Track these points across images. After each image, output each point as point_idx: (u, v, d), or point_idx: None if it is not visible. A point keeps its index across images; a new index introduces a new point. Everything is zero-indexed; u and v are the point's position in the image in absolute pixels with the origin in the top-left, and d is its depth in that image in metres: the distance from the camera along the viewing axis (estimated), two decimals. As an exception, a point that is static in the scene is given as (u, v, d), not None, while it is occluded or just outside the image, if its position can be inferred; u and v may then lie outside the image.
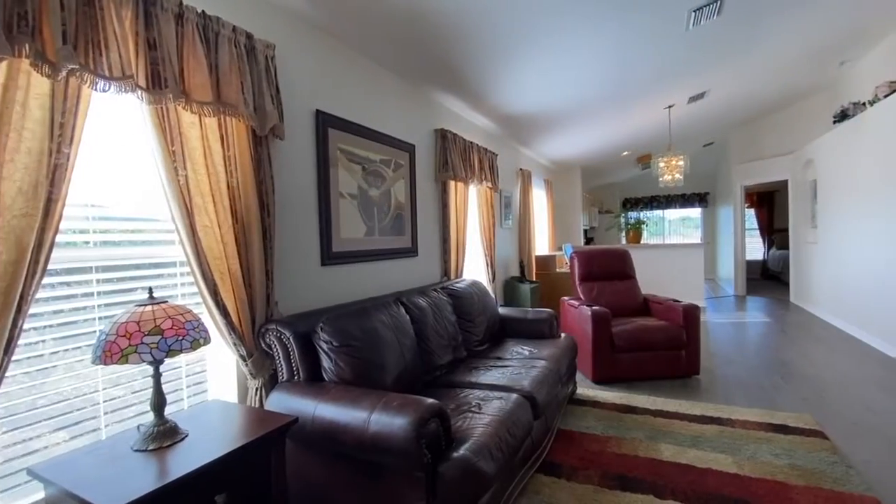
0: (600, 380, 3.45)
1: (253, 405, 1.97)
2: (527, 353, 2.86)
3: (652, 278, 6.37)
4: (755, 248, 10.59)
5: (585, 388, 3.33)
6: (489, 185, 4.44)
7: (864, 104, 4.55)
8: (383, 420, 1.51)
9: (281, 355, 1.92)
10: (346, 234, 2.53)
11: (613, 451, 2.35)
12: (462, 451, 1.56)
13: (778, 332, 4.99)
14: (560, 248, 7.63)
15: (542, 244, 7.33)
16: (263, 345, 1.95)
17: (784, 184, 7.17)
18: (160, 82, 1.54)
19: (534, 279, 5.93)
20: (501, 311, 3.53)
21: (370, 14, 2.42)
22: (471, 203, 4.35)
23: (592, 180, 10.61)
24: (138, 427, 1.42)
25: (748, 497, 1.91)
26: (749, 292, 7.87)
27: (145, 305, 1.36)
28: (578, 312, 3.70)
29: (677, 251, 6.58)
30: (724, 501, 1.88)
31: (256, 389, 1.97)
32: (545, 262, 6.21)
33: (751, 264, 10.35)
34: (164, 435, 1.38)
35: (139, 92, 1.48)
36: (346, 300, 2.54)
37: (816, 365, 3.73)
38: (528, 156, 6.61)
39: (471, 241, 4.43)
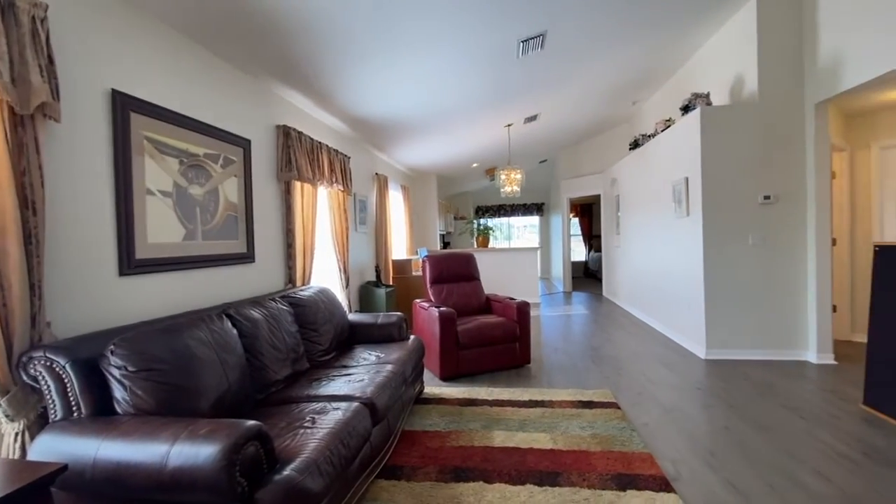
0: (447, 377, 3.63)
1: (11, 455, 1.54)
2: (374, 358, 2.84)
3: (497, 279, 6.99)
4: (580, 251, 12.45)
5: (433, 387, 3.45)
6: (341, 188, 4.32)
7: (649, 136, 5.71)
8: (187, 452, 1.32)
9: (53, 389, 1.54)
10: (155, 237, 2.17)
11: (452, 444, 2.48)
12: (287, 471, 1.45)
13: (592, 322, 5.93)
14: (417, 253, 7.85)
15: (399, 248, 7.45)
16: (26, 377, 1.54)
17: (598, 197, 8.58)
18: None
19: (390, 283, 5.97)
20: (351, 317, 3.45)
21: (187, -11, 2.14)
22: (321, 206, 4.18)
23: (449, 188, 11.20)
24: None
25: (559, 468, 2.19)
26: (574, 288, 9.21)
27: None
28: (428, 314, 3.83)
29: (517, 254, 7.32)
30: (541, 475, 2.13)
31: (16, 435, 1.55)
32: (402, 267, 6.31)
33: (575, 265, 12.16)
34: None
35: None
36: (155, 316, 2.18)
37: (617, 347, 4.53)
38: (384, 161, 6.65)
39: (322, 246, 4.25)
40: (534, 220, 12.48)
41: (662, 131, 5.05)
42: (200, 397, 1.74)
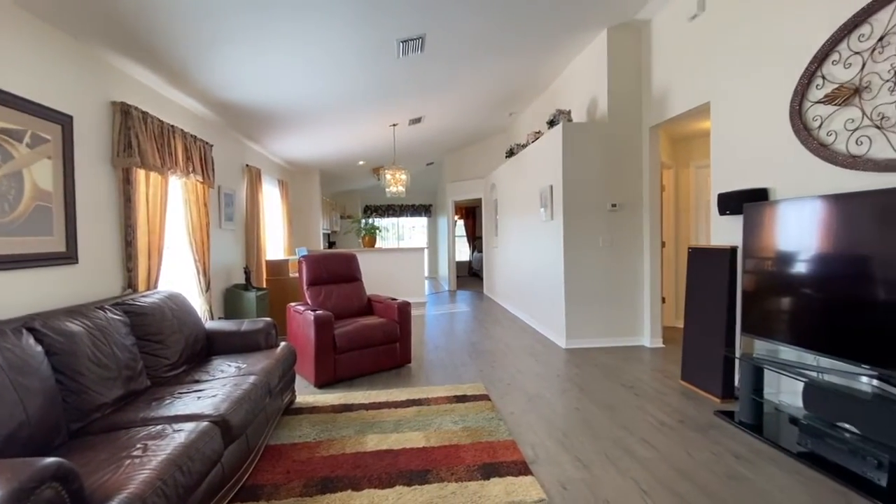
0: (323, 383, 3.46)
1: None
2: (234, 370, 2.57)
3: (385, 279, 6.92)
4: (465, 252, 12.99)
5: (307, 395, 3.26)
6: (200, 179, 3.85)
7: (522, 146, 6.16)
8: (-58, 509, 1.02)
9: None
10: (-85, 232, 1.66)
11: (322, 455, 2.35)
12: (100, 513, 1.21)
13: (473, 319, 6.21)
14: (296, 253, 7.39)
15: (276, 248, 6.94)
16: None
17: (481, 200, 9.04)
18: None
19: (263, 286, 5.52)
20: (209, 325, 3.10)
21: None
22: (175, 199, 3.67)
23: (335, 185, 10.79)
24: None
25: (429, 466, 2.21)
26: (459, 287, 9.57)
27: None
28: (303, 318, 3.61)
29: (404, 254, 7.36)
30: (411, 475, 2.13)
31: None
32: (277, 268, 5.87)
33: (460, 265, 12.65)
34: None
35: None
36: (-83, 333, 1.67)
37: (493, 342, 4.79)
38: (257, 152, 6.13)
39: (176, 244, 3.74)
40: (422, 220, 12.69)
41: (533, 142, 5.49)
42: (-21, 435, 1.38)
